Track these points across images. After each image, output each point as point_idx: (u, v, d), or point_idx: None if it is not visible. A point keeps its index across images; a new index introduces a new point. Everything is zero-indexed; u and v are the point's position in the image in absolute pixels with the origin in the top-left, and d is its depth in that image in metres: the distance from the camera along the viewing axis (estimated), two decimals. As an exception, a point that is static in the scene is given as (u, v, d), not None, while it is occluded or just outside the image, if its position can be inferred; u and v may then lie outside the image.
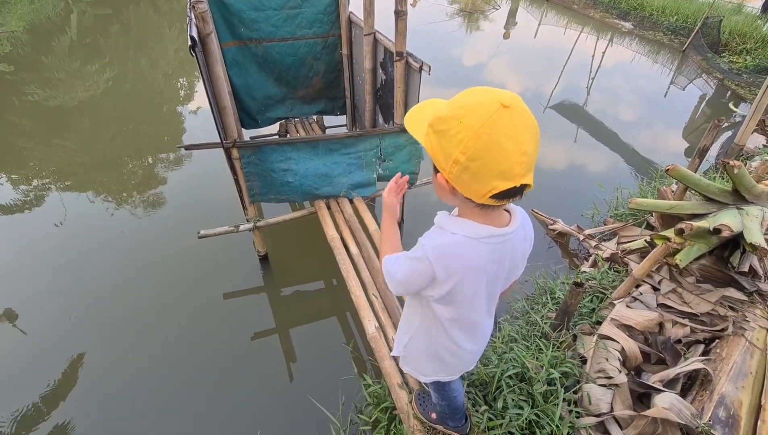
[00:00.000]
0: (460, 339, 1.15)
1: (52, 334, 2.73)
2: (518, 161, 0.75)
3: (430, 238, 0.96)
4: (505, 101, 0.73)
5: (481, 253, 0.93)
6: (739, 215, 2.36)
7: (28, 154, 4.59)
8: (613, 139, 5.42)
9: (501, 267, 1.00)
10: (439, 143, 0.80)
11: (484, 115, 0.73)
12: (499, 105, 0.73)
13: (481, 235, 0.91)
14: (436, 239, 0.94)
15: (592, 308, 2.47)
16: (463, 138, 0.75)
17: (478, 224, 0.91)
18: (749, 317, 2.27)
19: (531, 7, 11.83)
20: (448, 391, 1.46)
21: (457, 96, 0.81)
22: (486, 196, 0.80)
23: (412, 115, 0.90)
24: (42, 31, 7.87)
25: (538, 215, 3.67)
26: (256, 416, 2.31)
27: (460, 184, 0.81)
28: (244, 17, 3.08)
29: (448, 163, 0.79)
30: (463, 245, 0.92)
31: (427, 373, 1.32)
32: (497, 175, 0.76)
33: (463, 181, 0.80)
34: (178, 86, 6.46)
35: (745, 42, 7.85)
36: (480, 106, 0.74)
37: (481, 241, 0.91)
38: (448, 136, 0.77)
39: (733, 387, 1.90)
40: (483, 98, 0.75)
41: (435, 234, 0.97)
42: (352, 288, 2.31)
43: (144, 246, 3.37)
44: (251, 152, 2.55)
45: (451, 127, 0.77)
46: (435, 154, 0.83)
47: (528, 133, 0.75)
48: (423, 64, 2.43)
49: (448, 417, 1.64)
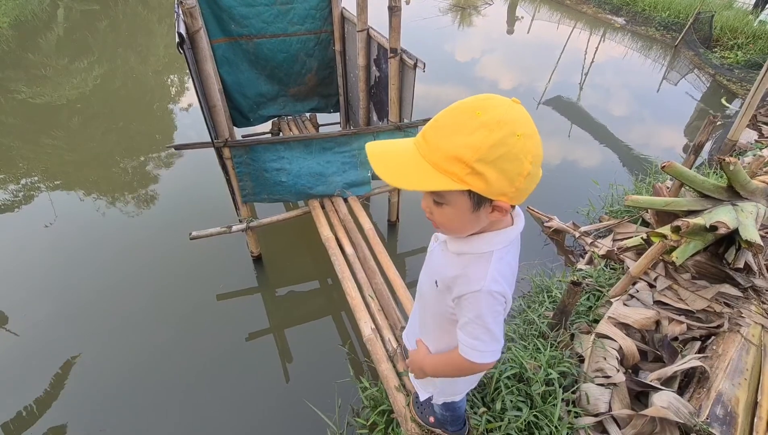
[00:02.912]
0: None
1: (42, 337, 2.67)
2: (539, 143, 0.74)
3: (476, 276, 0.86)
4: (510, 100, 0.73)
5: (516, 257, 0.91)
6: (735, 212, 2.36)
7: (16, 152, 4.49)
8: (606, 134, 5.43)
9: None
10: (499, 172, 0.69)
11: (526, 117, 0.71)
12: (512, 103, 0.72)
13: (510, 239, 0.87)
14: (484, 269, 0.85)
15: (589, 306, 2.46)
16: (530, 148, 0.70)
17: (502, 231, 0.87)
18: (744, 313, 2.28)
19: (524, 2, 11.80)
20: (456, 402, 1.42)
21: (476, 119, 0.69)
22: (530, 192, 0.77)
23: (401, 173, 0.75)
24: (28, 28, 7.69)
25: (533, 212, 3.66)
26: (251, 420, 2.28)
27: (521, 196, 0.75)
28: (235, 13, 3.02)
29: (516, 182, 0.71)
30: (504, 257, 0.87)
31: (463, 390, 1.31)
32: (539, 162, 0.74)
33: (525, 191, 0.74)
34: (168, 83, 6.36)
35: (737, 37, 7.90)
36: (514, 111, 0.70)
37: (512, 244, 0.89)
38: (512, 156, 0.69)
39: (730, 384, 1.90)
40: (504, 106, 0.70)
41: (475, 266, 0.87)
42: (347, 289, 2.28)
43: (135, 247, 3.31)
44: (243, 152, 2.50)
45: (511, 145, 0.68)
46: (492, 187, 0.71)
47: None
48: (417, 61, 2.39)
49: (447, 422, 1.63)
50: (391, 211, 3.47)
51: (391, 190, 3.24)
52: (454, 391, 1.30)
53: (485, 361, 0.92)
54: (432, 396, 1.34)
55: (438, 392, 1.32)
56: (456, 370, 1.01)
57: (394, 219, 3.52)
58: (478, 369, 0.95)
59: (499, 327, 0.90)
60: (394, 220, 3.52)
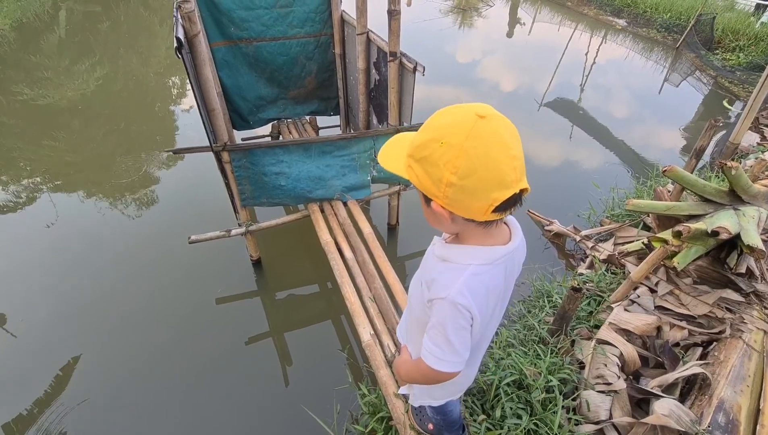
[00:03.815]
0: (474, 361, 1.14)
1: (43, 337, 2.68)
2: (511, 166, 0.71)
3: (446, 283, 0.86)
4: (480, 112, 0.70)
5: (497, 276, 0.89)
6: (736, 216, 2.35)
7: (18, 154, 4.50)
8: (607, 136, 5.41)
9: (511, 279, 0.97)
10: (424, 171, 0.76)
11: (465, 129, 0.70)
12: (475, 116, 0.70)
13: (494, 258, 0.86)
14: (455, 280, 0.85)
15: (590, 311, 2.45)
16: (450, 158, 0.71)
17: (487, 248, 0.86)
18: (746, 319, 2.26)
19: (525, 4, 11.79)
20: (444, 407, 1.42)
21: (427, 121, 0.77)
22: (488, 212, 0.75)
23: (385, 152, 0.85)
24: (29, 29, 7.71)
25: (534, 216, 3.64)
26: (250, 423, 2.27)
27: (459, 206, 0.76)
28: (234, 16, 3.01)
29: (440, 187, 0.74)
30: (482, 274, 0.86)
31: (441, 397, 1.29)
32: (495, 185, 0.72)
33: (460, 202, 0.75)
34: (170, 85, 6.36)
35: (738, 39, 7.87)
36: (457, 122, 0.71)
37: (494, 264, 0.87)
38: (431, 160, 0.73)
39: (732, 391, 1.88)
40: (456, 114, 0.72)
41: (448, 274, 0.87)
42: (346, 294, 2.27)
43: (135, 249, 3.31)
44: (242, 155, 2.49)
45: (432, 151, 0.73)
46: (422, 184, 0.77)
47: (512, 138, 0.72)
48: (417, 65, 2.38)
49: (445, 429, 1.61)
50: (391, 214, 3.46)
51: (391, 194, 3.23)
52: (431, 395, 1.28)
53: (444, 370, 0.92)
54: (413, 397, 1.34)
55: (414, 393, 1.33)
56: (422, 376, 1.00)
57: (393, 223, 3.51)
58: (441, 377, 0.95)
59: (461, 341, 0.89)
60: (394, 223, 3.51)
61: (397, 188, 3.17)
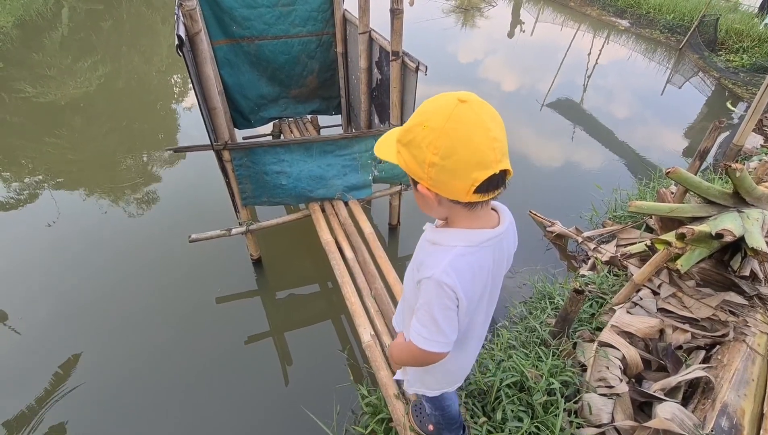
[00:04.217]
0: (465, 347, 1.15)
1: (43, 336, 2.67)
2: (491, 147, 0.75)
3: (433, 263, 0.90)
4: (462, 97, 0.75)
5: (484, 259, 0.91)
6: (740, 218, 2.33)
7: (20, 151, 4.50)
8: (610, 137, 5.39)
9: (500, 266, 0.99)
10: (410, 154, 0.81)
11: (445, 113, 0.75)
12: (456, 101, 0.75)
13: (480, 240, 0.89)
14: (441, 260, 0.88)
15: (592, 314, 2.43)
16: (432, 139, 0.76)
17: (474, 230, 0.89)
18: (750, 322, 2.24)
19: (528, 4, 11.76)
20: (442, 401, 1.42)
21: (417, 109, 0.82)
22: (470, 192, 0.79)
23: (380, 142, 0.90)
24: (32, 27, 7.71)
25: (535, 217, 3.62)
26: (250, 422, 2.26)
27: (441, 186, 0.81)
28: (236, 15, 3.00)
29: (424, 168, 0.79)
30: (467, 256, 0.89)
31: (435, 387, 1.30)
32: (474, 165, 0.76)
33: (443, 182, 0.80)
34: (172, 83, 6.36)
35: (742, 40, 7.83)
36: (438, 106, 0.77)
37: (481, 246, 0.90)
38: (416, 143, 0.79)
39: (735, 395, 1.87)
40: (440, 100, 0.78)
41: (435, 255, 0.91)
42: (347, 294, 2.26)
43: (135, 247, 3.30)
44: (243, 154, 2.48)
45: (416, 134, 0.78)
46: (409, 166, 0.83)
47: (492, 121, 0.76)
48: (419, 64, 2.37)
49: (444, 428, 1.60)
50: (392, 214, 3.45)
51: (392, 194, 3.22)
52: (423, 383, 1.29)
53: (431, 349, 0.95)
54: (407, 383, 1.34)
55: (409, 380, 1.33)
56: (413, 358, 1.03)
57: (395, 223, 3.49)
58: (429, 358, 0.98)
59: (447, 321, 0.92)
60: (395, 223, 3.50)
61: (398, 188, 3.16)
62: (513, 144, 5.04)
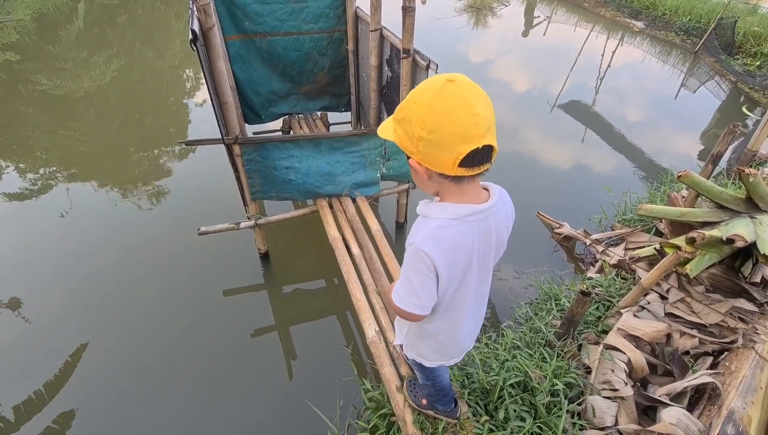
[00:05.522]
0: (456, 321, 1.18)
1: (54, 324, 2.73)
2: (474, 122, 0.79)
3: (415, 232, 0.98)
4: (450, 77, 0.81)
5: (467, 233, 0.96)
6: (752, 224, 2.30)
7: (35, 142, 4.59)
8: (621, 140, 5.33)
9: (488, 244, 1.02)
10: (403, 129, 0.87)
11: (433, 90, 0.80)
12: (444, 80, 0.80)
13: (464, 214, 0.94)
14: (422, 230, 0.96)
15: (598, 316, 2.41)
16: (421, 115, 0.82)
17: (460, 205, 0.94)
18: (759, 329, 2.21)
19: (541, 4, 11.66)
20: (433, 370, 1.46)
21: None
22: (455, 165, 0.83)
23: (382, 126, 0.97)
24: (49, 21, 7.85)
25: (543, 218, 3.60)
26: (253, 416, 2.28)
27: (430, 159, 0.86)
28: (249, 10, 3.03)
29: (414, 143, 0.85)
30: (448, 227, 0.94)
31: (432, 358, 1.34)
32: (458, 139, 0.81)
33: (430, 155, 0.85)
34: (184, 78, 6.43)
35: (760, 44, 7.69)
36: (428, 85, 0.82)
37: (464, 220, 0.94)
38: (407, 119, 0.85)
39: (742, 402, 1.84)
40: (431, 80, 0.84)
41: (420, 225, 0.98)
42: (352, 290, 2.27)
43: (145, 239, 3.35)
44: (253, 149, 2.51)
45: (408, 111, 0.85)
46: (402, 142, 0.89)
47: (478, 99, 0.80)
48: (430, 63, 2.37)
49: (437, 400, 1.64)
50: (399, 212, 3.45)
51: (399, 192, 3.22)
52: (419, 351, 1.33)
53: (405, 308, 1.04)
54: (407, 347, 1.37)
55: (406, 345, 1.37)
56: (395, 310, 1.10)
57: (402, 220, 3.50)
58: (406, 316, 1.07)
59: (422, 285, 1.00)
60: (402, 221, 3.50)
61: (405, 186, 3.17)
62: (522, 145, 5.04)
